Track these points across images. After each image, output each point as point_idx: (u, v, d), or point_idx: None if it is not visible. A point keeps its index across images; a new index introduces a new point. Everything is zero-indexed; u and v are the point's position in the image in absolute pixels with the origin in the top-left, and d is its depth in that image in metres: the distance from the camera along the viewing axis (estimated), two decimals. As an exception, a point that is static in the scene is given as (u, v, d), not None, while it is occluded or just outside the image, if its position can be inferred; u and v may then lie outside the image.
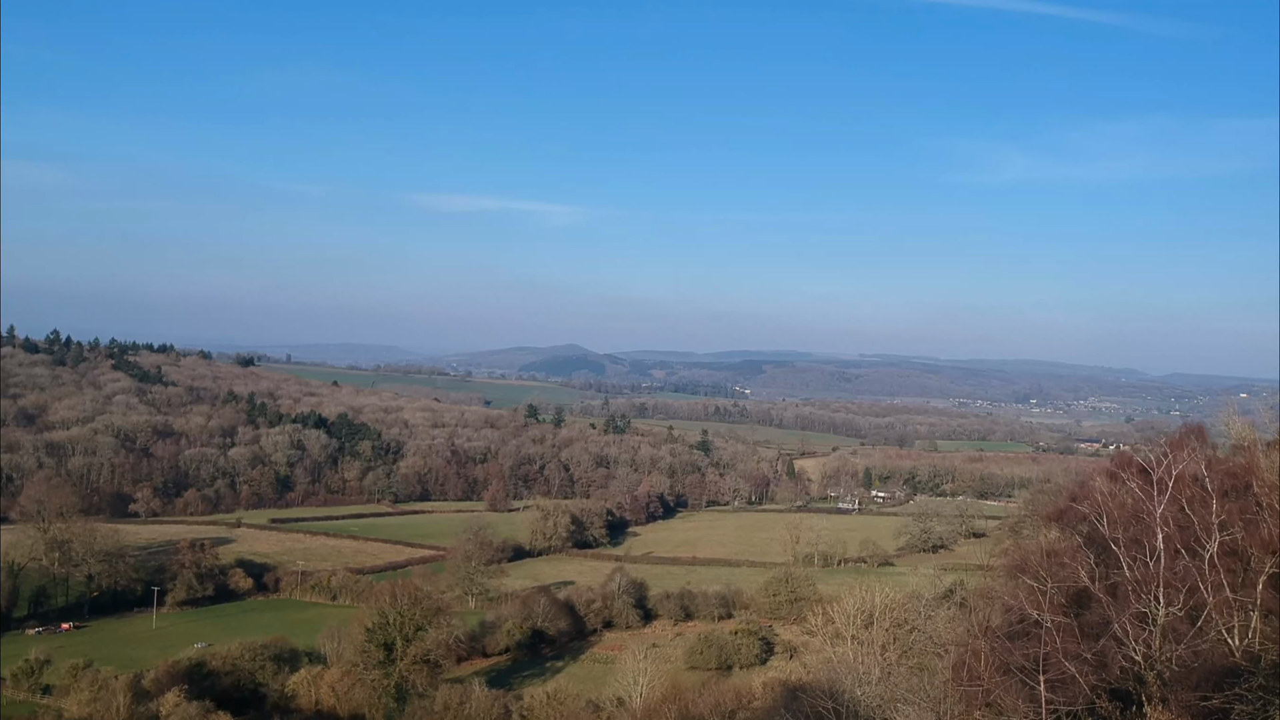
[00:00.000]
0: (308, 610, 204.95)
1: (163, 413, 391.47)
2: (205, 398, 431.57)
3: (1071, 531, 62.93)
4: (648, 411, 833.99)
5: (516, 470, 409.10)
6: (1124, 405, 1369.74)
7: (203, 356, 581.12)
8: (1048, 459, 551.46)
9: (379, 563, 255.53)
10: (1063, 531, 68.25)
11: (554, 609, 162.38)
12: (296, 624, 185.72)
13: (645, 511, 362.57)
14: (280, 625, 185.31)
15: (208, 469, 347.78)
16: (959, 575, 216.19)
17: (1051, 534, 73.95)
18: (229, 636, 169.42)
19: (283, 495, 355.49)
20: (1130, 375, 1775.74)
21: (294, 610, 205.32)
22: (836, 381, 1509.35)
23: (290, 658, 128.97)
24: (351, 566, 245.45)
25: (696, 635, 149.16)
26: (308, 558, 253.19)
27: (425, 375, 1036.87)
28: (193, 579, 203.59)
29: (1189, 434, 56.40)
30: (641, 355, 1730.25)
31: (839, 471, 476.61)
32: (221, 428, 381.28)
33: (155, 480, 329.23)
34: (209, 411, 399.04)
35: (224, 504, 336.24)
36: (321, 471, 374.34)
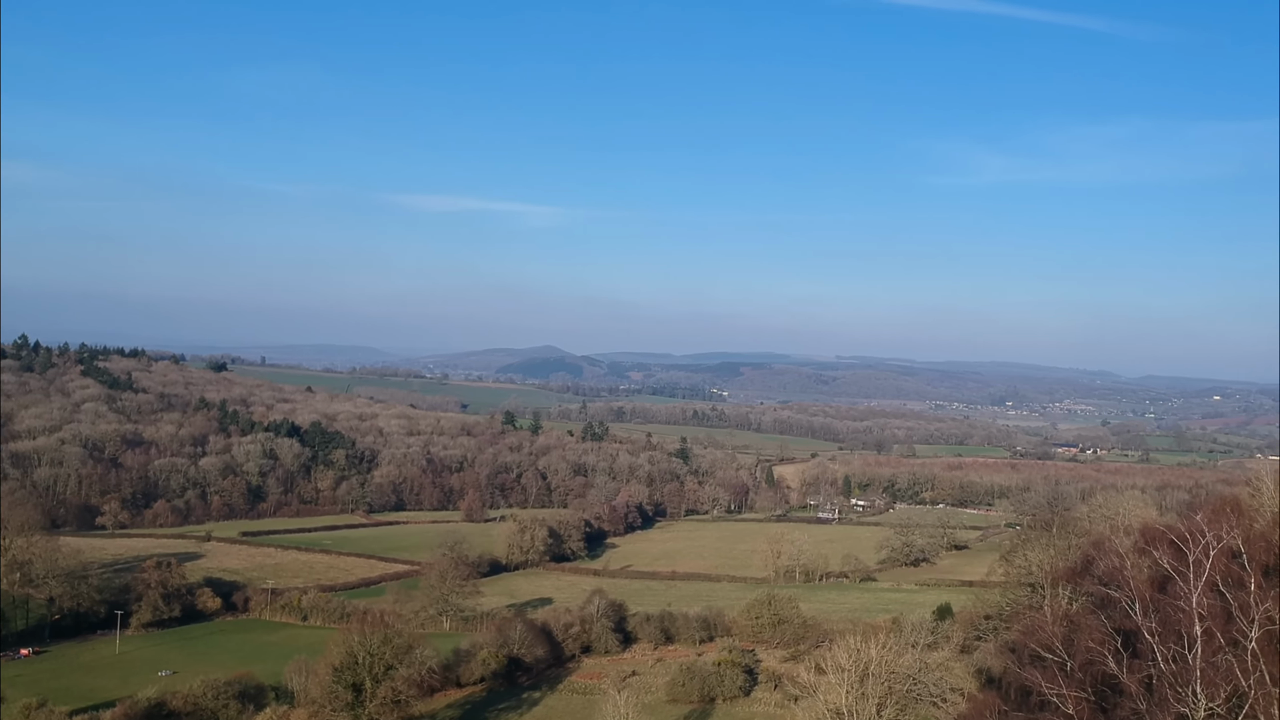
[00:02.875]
0: (277, 631, 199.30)
1: (132, 421, 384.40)
2: (176, 405, 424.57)
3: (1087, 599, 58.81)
4: (625, 415, 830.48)
5: (493, 479, 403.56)
6: (1099, 407, 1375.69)
7: (175, 361, 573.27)
8: (1026, 465, 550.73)
9: (352, 579, 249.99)
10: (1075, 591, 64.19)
11: (531, 635, 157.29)
12: (265, 647, 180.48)
13: (624, 522, 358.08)
14: (248, 649, 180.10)
15: (178, 479, 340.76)
16: (944, 596, 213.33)
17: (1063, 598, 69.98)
18: (195, 663, 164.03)
19: (254, 506, 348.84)
20: (1105, 377, 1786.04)
21: (263, 632, 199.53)
22: (814, 384, 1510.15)
23: (255, 695, 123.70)
24: (324, 583, 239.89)
25: (679, 666, 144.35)
26: (279, 574, 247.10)
27: (401, 378, 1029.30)
28: (159, 600, 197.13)
29: (1225, 505, 52.54)
30: (619, 357, 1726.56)
31: (818, 479, 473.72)
32: (192, 436, 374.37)
33: (124, 491, 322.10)
34: (180, 419, 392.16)
35: (194, 515, 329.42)
36: (294, 481, 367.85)
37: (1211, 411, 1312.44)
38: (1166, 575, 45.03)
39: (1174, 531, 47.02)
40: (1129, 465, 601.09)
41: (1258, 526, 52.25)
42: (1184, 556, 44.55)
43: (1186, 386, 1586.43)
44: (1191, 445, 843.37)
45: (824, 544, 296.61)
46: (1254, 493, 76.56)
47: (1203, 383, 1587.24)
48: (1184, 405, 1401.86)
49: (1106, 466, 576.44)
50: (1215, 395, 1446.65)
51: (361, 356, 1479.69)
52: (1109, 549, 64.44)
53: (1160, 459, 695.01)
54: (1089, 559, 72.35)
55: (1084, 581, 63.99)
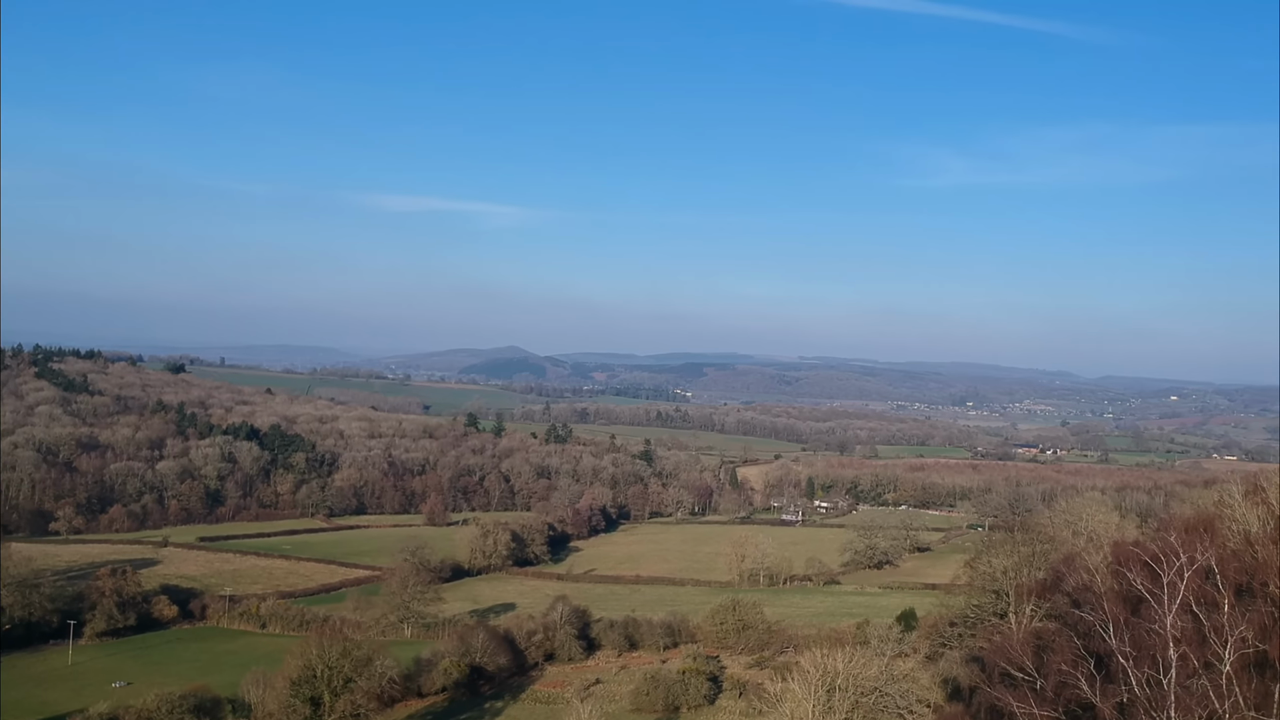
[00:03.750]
0: (236, 640, 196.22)
1: (88, 424, 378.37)
2: (133, 407, 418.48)
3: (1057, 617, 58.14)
4: (589, 416, 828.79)
5: (455, 482, 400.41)
6: (1059, 408, 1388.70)
7: (132, 363, 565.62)
8: (987, 466, 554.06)
9: (312, 585, 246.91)
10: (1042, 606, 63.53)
11: (493, 643, 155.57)
12: (223, 656, 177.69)
13: (587, 525, 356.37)
14: (206, 659, 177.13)
15: (134, 483, 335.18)
16: (908, 600, 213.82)
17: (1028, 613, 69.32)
18: (150, 673, 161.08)
19: (213, 510, 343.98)
20: (1064, 378, 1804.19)
21: (221, 640, 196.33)
22: (777, 384, 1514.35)
23: (212, 708, 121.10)
24: (283, 589, 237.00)
25: (643, 674, 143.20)
26: (237, 580, 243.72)
27: (363, 379, 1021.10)
28: (113, 609, 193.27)
29: (1197, 524, 52.01)
30: (583, 357, 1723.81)
31: (782, 481, 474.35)
32: (150, 439, 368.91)
33: (78, 496, 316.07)
34: (137, 422, 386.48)
35: (151, 520, 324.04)
36: (253, 485, 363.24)
37: (1169, 412, 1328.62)
38: (1139, 596, 44.40)
39: (1147, 552, 46.39)
40: (1089, 466, 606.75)
41: (1230, 544, 51.87)
42: (1157, 578, 43.93)
43: (1144, 387, 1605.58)
44: (1150, 445, 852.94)
45: (788, 546, 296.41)
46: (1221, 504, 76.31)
47: (1160, 383, 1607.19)
48: (1142, 405, 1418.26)
49: (1066, 467, 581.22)
50: (1172, 395, 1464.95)
51: (322, 357, 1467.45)
52: (1079, 565, 63.96)
53: (1119, 459, 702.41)
54: (1059, 575, 71.79)
55: (1053, 597, 63.37)
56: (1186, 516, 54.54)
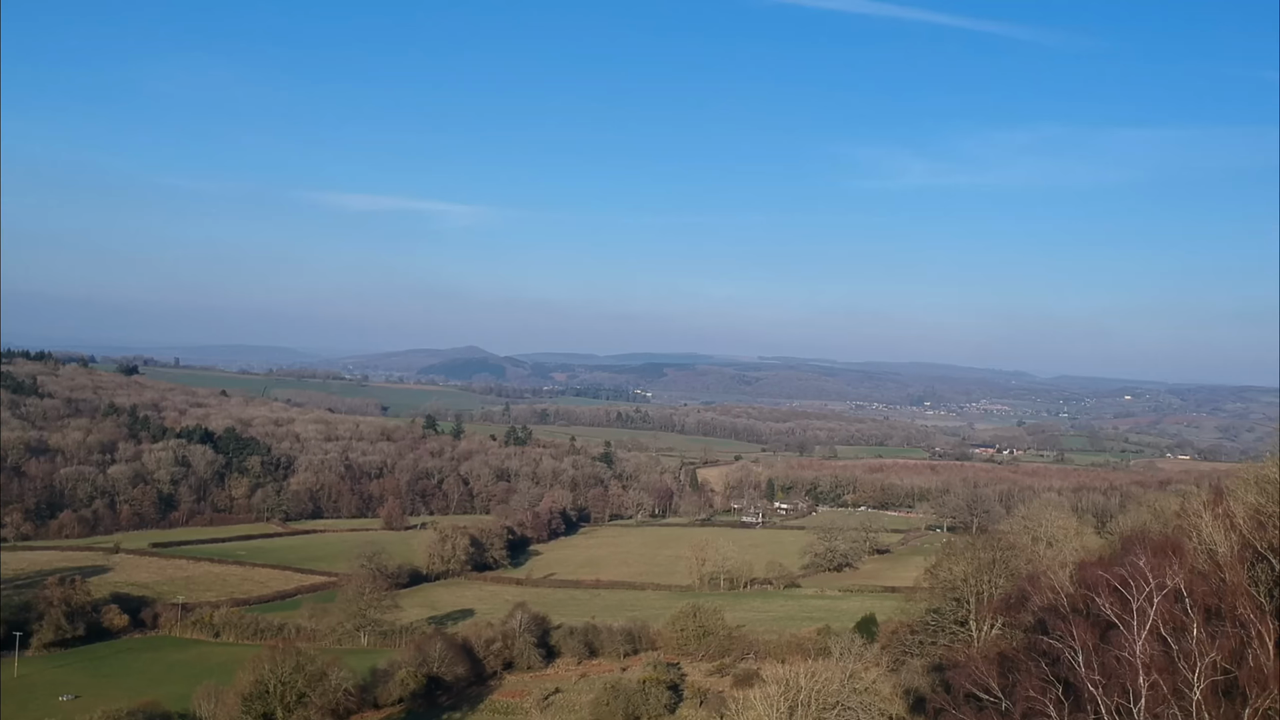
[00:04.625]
0: (188, 649, 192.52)
1: (38, 427, 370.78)
2: (85, 410, 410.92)
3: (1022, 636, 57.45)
4: (549, 418, 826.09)
5: (414, 485, 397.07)
6: (1015, 407, 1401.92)
7: (83, 364, 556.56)
8: (945, 467, 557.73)
9: (267, 592, 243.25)
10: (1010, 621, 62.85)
11: (451, 653, 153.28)
12: (175, 667, 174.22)
13: (547, 529, 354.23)
14: (157, 669, 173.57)
15: (85, 488, 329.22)
16: (868, 603, 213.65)
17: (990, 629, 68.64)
18: (99, 685, 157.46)
19: (166, 515, 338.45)
20: (1020, 378, 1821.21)
21: (173, 650, 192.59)
22: (737, 384, 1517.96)
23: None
24: (237, 597, 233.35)
25: (603, 683, 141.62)
26: (190, 587, 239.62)
27: (320, 379, 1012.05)
28: (61, 619, 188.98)
29: (1165, 546, 51.42)
30: (543, 357, 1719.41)
31: (742, 482, 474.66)
32: (101, 443, 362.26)
33: (27, 502, 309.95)
34: (88, 426, 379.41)
35: (102, 525, 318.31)
36: (207, 489, 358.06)
37: (1123, 411, 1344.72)
38: (1108, 620, 43.73)
39: (1115, 576, 45.69)
40: (1045, 466, 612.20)
41: (1197, 565, 51.36)
42: (1126, 603, 43.24)
43: (1099, 386, 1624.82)
44: (1104, 445, 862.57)
45: (748, 549, 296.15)
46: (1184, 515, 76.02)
47: (1114, 383, 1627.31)
48: (1096, 405, 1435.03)
49: (1023, 468, 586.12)
50: (1126, 395, 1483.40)
51: (279, 357, 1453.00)
52: (1044, 584, 63.43)
53: (1075, 459, 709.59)
54: (1023, 593, 71.30)
55: (1018, 615, 62.79)
56: (1154, 538, 54.00)
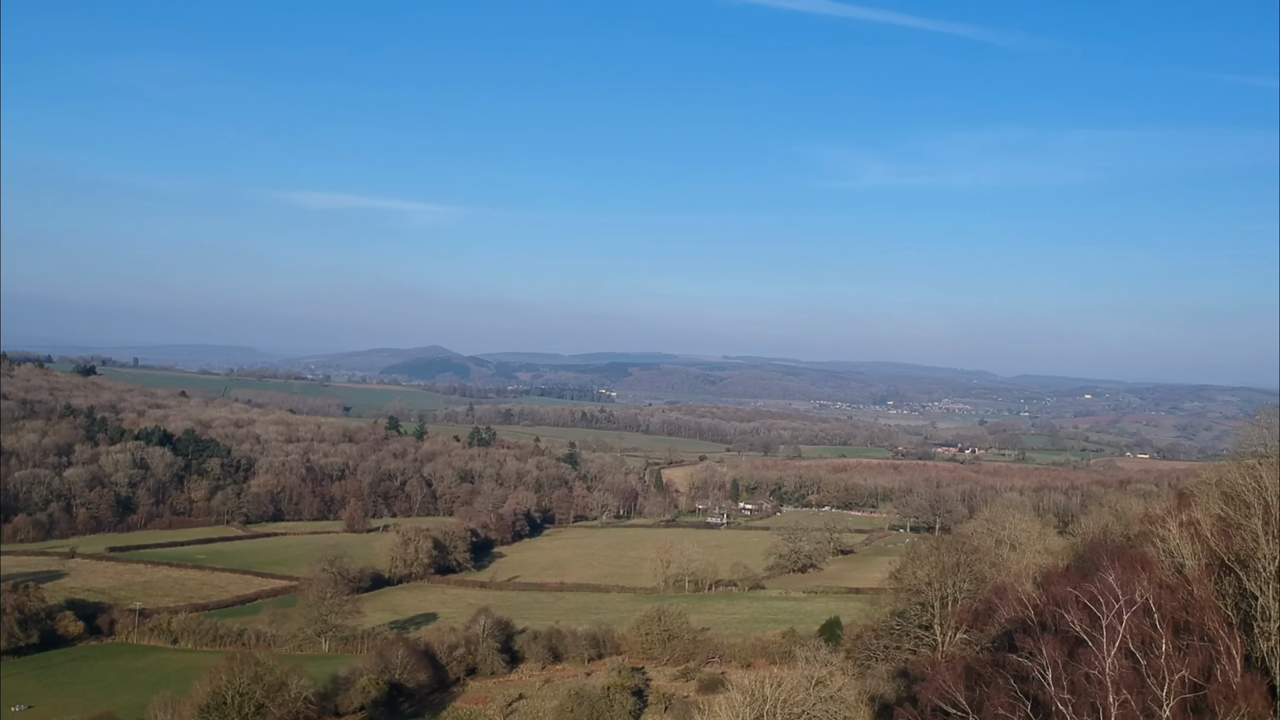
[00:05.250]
0: (146, 656, 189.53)
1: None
2: (40, 412, 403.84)
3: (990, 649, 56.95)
4: (514, 418, 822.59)
5: (376, 487, 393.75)
6: (976, 406, 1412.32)
7: (39, 365, 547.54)
8: (908, 467, 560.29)
9: (226, 596, 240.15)
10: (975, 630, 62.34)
11: (413, 659, 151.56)
12: (131, 675, 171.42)
13: (511, 530, 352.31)
14: (113, 677, 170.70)
15: (40, 491, 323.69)
16: (833, 604, 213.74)
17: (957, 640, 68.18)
18: (53, 695, 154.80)
19: (124, 518, 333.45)
20: (981, 377, 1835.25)
21: (130, 657, 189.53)
22: (701, 384, 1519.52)
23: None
24: (196, 602, 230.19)
25: (567, 689, 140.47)
26: (148, 592, 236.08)
27: (281, 380, 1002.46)
28: (14, 626, 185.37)
29: (1134, 561, 51.05)
30: (507, 357, 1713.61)
31: (707, 483, 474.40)
32: (57, 445, 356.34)
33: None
34: (43, 427, 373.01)
35: (58, 529, 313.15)
36: (166, 492, 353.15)
37: (1083, 410, 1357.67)
38: (1077, 636, 43.31)
39: (1085, 593, 45.29)
40: (1007, 465, 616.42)
41: (1165, 578, 51.08)
42: (1096, 620, 42.81)
43: (1059, 385, 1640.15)
44: (1065, 444, 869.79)
45: (713, 550, 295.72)
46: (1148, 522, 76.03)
47: (1074, 382, 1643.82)
48: (1057, 404, 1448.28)
49: (985, 467, 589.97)
50: (1086, 394, 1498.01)
51: (240, 357, 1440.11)
52: (1011, 596, 63.07)
53: (1036, 458, 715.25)
54: (990, 605, 70.89)
55: (985, 627, 62.38)
56: (1122, 552, 53.67)
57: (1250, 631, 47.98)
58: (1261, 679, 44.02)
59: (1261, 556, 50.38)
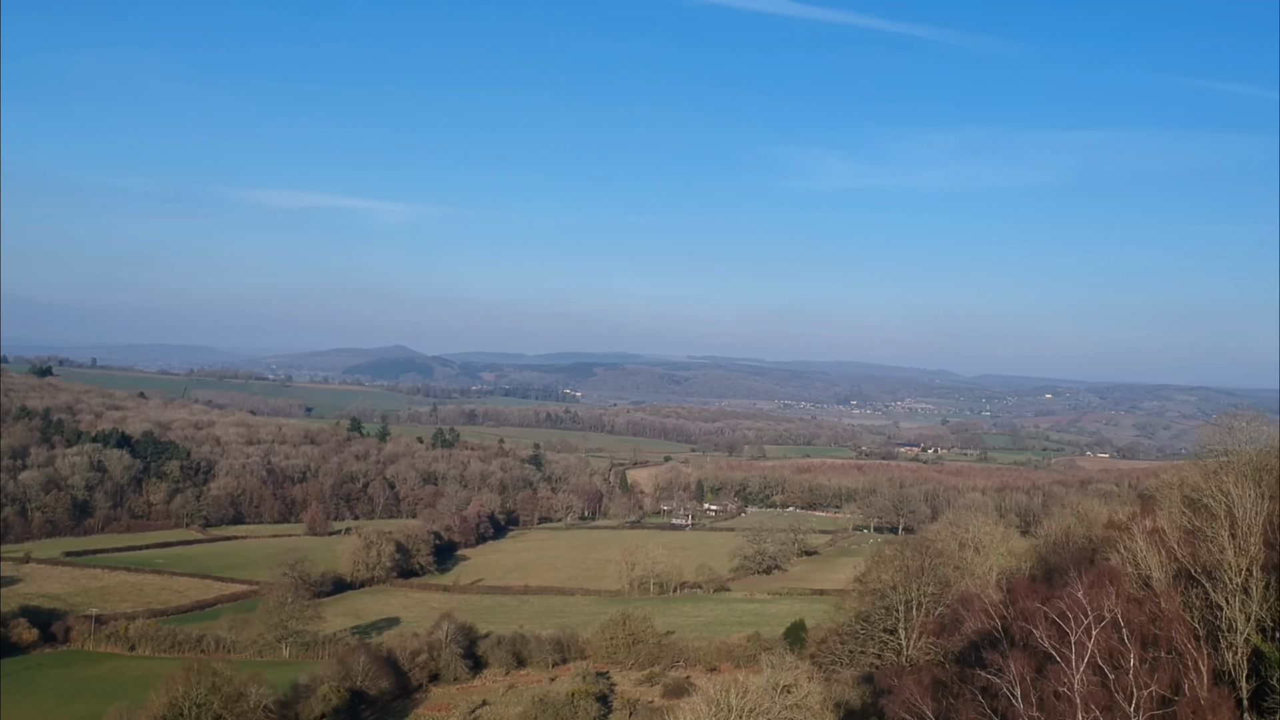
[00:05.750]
0: (102, 663, 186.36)
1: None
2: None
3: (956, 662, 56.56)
4: (478, 418, 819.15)
5: (338, 489, 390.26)
6: (939, 406, 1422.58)
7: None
8: (872, 467, 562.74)
9: (185, 601, 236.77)
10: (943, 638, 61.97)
11: (375, 666, 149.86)
12: (87, 683, 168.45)
13: (475, 533, 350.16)
14: (67, 686, 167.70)
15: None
16: (797, 606, 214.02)
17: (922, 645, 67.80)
18: (6, 705, 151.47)
19: (80, 522, 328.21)
20: (943, 376, 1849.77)
21: (86, 664, 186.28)
22: (666, 384, 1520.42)
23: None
24: (154, 607, 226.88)
25: (531, 696, 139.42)
26: (105, 598, 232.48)
27: (242, 380, 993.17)
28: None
29: (1102, 576, 50.75)
30: (471, 357, 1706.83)
31: (671, 484, 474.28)
32: (11, 448, 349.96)
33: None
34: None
35: (13, 534, 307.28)
36: (124, 495, 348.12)
37: (1043, 409, 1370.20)
38: (1045, 652, 42.96)
39: (1054, 609, 44.93)
40: (969, 465, 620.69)
41: (1132, 590, 50.85)
42: (1065, 636, 42.45)
43: (1020, 385, 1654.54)
44: (1026, 444, 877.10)
45: (678, 552, 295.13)
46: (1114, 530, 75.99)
47: (1035, 381, 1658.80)
48: (1018, 403, 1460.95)
49: (948, 467, 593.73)
50: (1047, 394, 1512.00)
51: (200, 357, 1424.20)
52: (978, 607, 62.86)
53: (997, 457, 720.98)
54: (957, 615, 70.64)
55: (951, 640, 62.10)
56: (1091, 567, 53.41)
57: (1218, 644, 47.90)
58: (1229, 693, 44.02)
59: (1228, 568, 50.44)
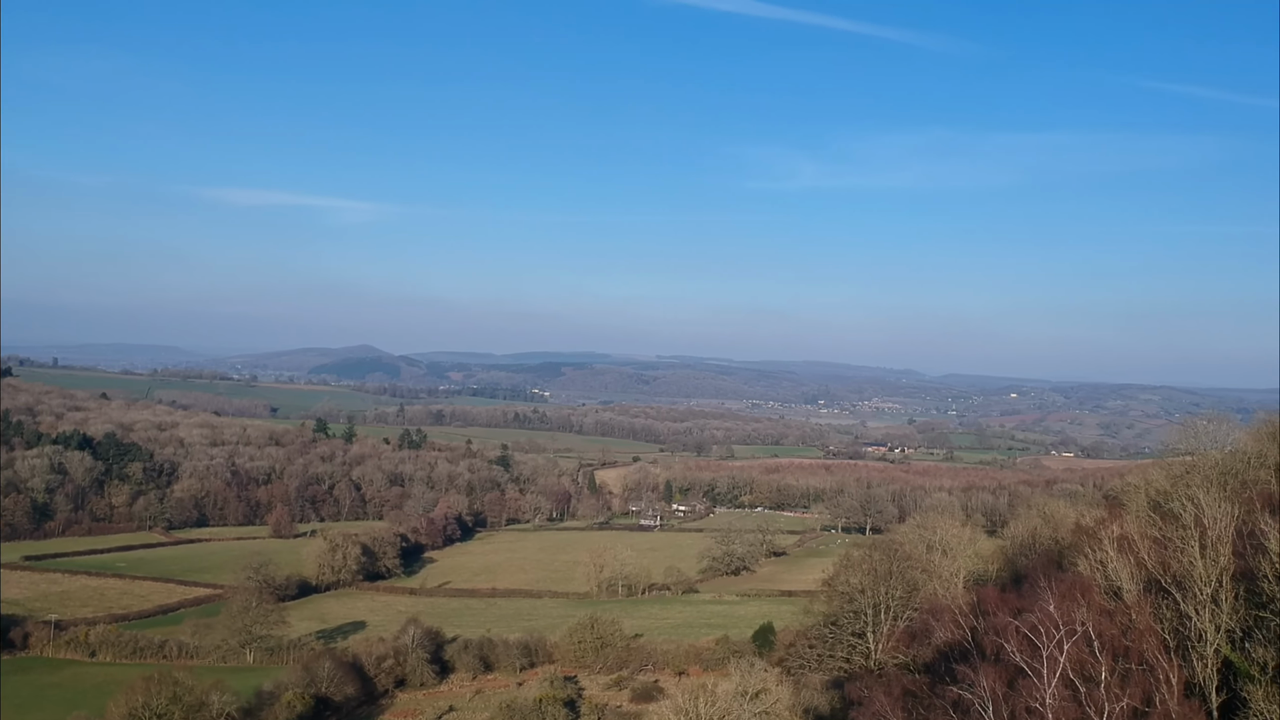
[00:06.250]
0: (62, 670, 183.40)
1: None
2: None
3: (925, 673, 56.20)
4: (445, 419, 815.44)
5: (303, 491, 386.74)
6: (905, 405, 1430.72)
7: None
8: (839, 466, 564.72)
9: (148, 606, 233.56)
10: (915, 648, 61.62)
11: (340, 672, 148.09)
12: (46, 691, 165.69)
13: (442, 535, 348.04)
14: (26, 694, 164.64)
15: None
16: (766, 608, 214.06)
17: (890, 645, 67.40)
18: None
19: (40, 526, 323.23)
20: (910, 376, 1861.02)
21: (45, 671, 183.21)
22: (634, 383, 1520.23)
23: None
24: (116, 612, 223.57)
25: (498, 702, 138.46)
26: (65, 603, 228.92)
27: (207, 380, 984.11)
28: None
29: (1073, 588, 50.47)
30: (439, 357, 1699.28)
31: (640, 484, 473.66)
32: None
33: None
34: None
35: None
36: (86, 498, 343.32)
37: (1009, 409, 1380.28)
38: (1016, 666, 42.59)
39: (1025, 624, 44.51)
40: (935, 465, 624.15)
41: (1102, 601, 50.52)
42: (1036, 650, 42.06)
43: (986, 384, 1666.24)
44: (992, 443, 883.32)
45: (646, 553, 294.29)
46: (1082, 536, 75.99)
47: (1000, 381, 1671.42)
48: (984, 403, 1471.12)
49: (914, 467, 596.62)
50: (1012, 393, 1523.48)
51: (164, 356, 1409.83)
52: (948, 618, 62.62)
53: (963, 457, 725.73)
54: (926, 626, 70.44)
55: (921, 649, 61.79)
56: (1062, 578, 53.16)
57: (1188, 656, 47.71)
58: (1199, 705, 43.86)
59: (1198, 578, 50.29)
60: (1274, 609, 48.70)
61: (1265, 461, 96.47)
